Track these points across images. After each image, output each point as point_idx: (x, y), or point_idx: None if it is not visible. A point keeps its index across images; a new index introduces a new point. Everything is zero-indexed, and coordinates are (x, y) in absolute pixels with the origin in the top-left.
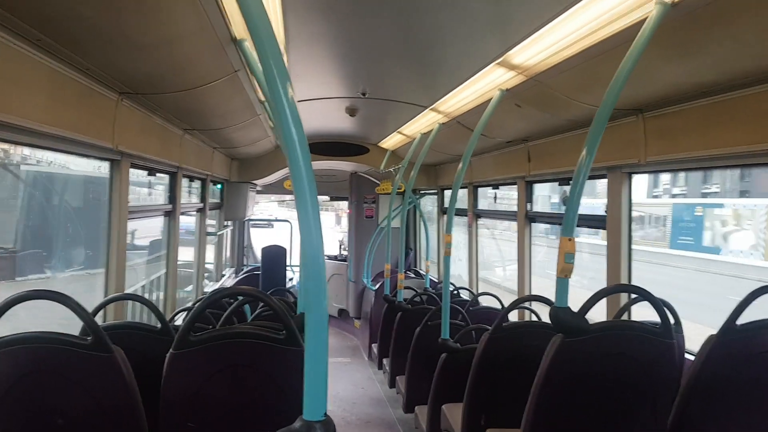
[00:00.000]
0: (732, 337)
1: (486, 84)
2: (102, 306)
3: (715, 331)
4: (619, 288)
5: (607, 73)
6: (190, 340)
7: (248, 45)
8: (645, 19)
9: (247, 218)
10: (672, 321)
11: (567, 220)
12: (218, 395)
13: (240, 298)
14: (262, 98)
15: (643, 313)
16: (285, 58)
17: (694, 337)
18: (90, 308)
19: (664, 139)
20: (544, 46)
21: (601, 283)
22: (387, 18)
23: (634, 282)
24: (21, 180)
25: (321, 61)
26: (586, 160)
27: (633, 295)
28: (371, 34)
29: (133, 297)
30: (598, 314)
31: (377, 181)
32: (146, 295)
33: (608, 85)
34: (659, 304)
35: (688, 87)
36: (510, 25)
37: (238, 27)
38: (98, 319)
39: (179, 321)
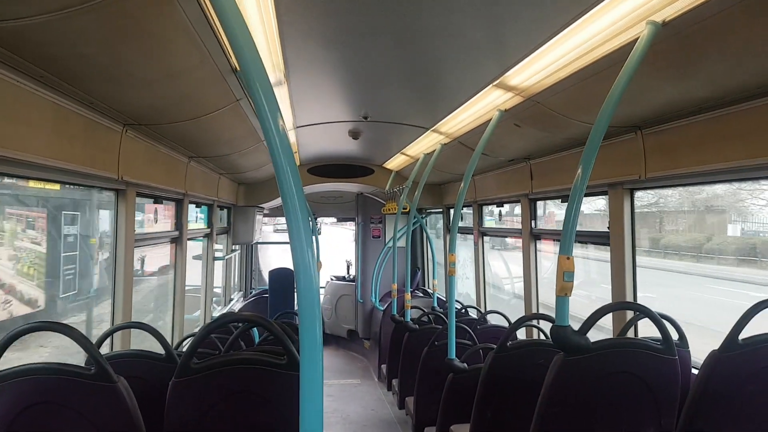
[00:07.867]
0: (734, 352)
1: (485, 105)
2: (107, 335)
3: None
4: (620, 305)
5: (603, 92)
6: (192, 368)
7: None
8: (637, 39)
9: (255, 241)
10: (676, 336)
11: (565, 238)
12: (221, 422)
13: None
14: None
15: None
16: (286, 86)
17: None
18: None
19: (663, 155)
20: (540, 68)
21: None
22: (384, 45)
23: None
24: None
25: (322, 87)
26: (582, 177)
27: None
28: (370, 60)
29: (138, 325)
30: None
31: (383, 202)
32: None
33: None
34: (660, 321)
35: (685, 104)
36: (505, 48)
37: None
38: (105, 347)
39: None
